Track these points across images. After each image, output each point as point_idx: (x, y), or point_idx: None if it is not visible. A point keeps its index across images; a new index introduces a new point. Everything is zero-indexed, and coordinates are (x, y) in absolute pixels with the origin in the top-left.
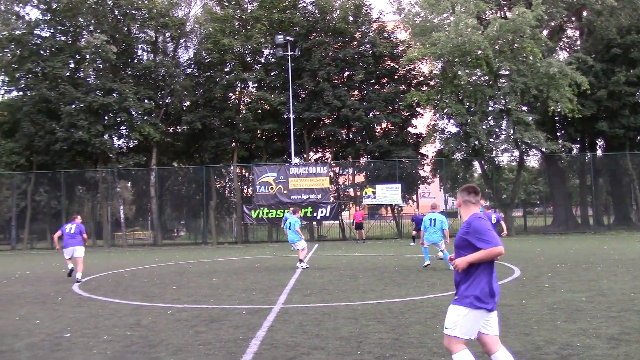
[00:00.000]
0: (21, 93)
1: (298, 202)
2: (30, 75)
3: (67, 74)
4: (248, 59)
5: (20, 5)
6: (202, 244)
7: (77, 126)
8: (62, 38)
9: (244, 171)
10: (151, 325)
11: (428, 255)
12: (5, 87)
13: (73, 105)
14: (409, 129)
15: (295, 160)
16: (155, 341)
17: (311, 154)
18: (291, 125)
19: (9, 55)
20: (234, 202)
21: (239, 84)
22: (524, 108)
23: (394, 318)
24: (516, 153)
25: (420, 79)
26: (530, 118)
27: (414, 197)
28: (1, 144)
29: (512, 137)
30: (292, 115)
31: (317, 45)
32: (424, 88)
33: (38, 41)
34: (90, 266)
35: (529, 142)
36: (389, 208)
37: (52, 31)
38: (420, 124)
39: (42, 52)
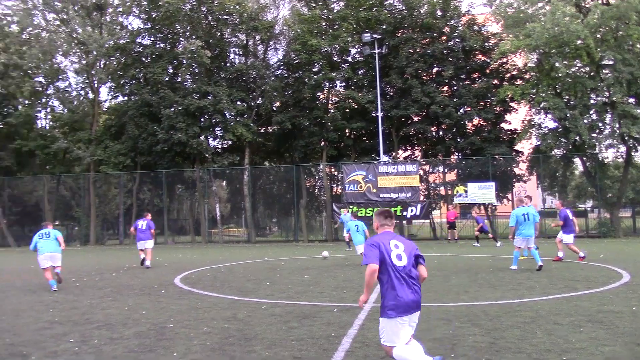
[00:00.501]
0: (126, 98)
1: (387, 200)
2: (133, 81)
3: (166, 78)
4: (335, 59)
5: (124, 16)
6: (293, 242)
7: (176, 128)
8: (161, 45)
9: (333, 170)
10: (247, 319)
11: (518, 260)
12: (112, 93)
13: (172, 109)
14: (503, 124)
15: (384, 158)
16: (251, 335)
17: (400, 152)
18: (379, 124)
19: (114, 63)
20: (324, 200)
21: (327, 84)
22: (631, 100)
23: (489, 321)
24: (623, 149)
25: (514, 72)
26: (639, 111)
27: (509, 195)
28: (109, 146)
29: (617, 131)
30: (380, 114)
31: (404, 42)
32: (518, 82)
33: (140, 49)
34: (190, 261)
35: (638, 136)
36: (482, 207)
37: (152, 39)
38: (515, 120)
39: (143, 59)
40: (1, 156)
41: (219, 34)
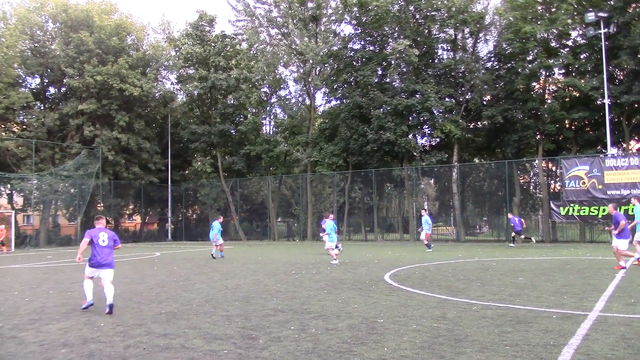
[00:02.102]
0: (338, 102)
1: (616, 197)
2: (345, 85)
3: (376, 80)
4: (553, 44)
5: (337, 24)
6: (505, 242)
7: (385, 128)
8: (371, 48)
9: (550, 165)
10: (456, 320)
11: None
12: (326, 98)
13: (381, 109)
14: None
15: (612, 151)
16: (461, 336)
17: (632, 142)
18: (607, 112)
19: (328, 69)
20: (540, 198)
21: (544, 72)
22: None
23: None
24: None
25: None
26: None
27: None
28: (324, 147)
29: None
30: (607, 101)
31: (638, 18)
32: None
33: (351, 54)
34: (399, 258)
35: None
36: None
37: (362, 43)
38: None
39: (354, 63)
40: (234, 160)
41: (426, 31)
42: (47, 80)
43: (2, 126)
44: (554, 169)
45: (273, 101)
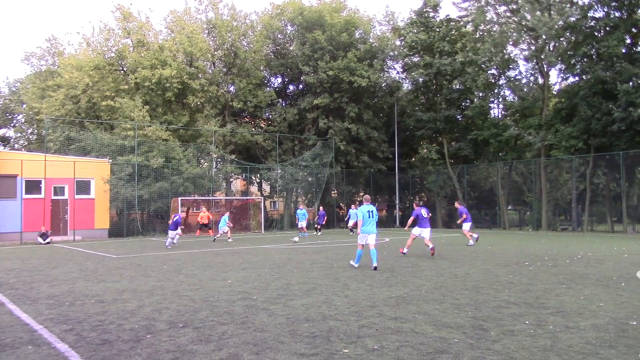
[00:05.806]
0: (577, 78)
1: None
2: (585, 59)
3: (624, 50)
4: None
5: None
6: None
7: (635, 104)
8: (617, 14)
9: None
10: None
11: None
12: (562, 75)
13: (630, 83)
14: None
15: None
16: None
17: None
18: None
19: (564, 43)
20: None
21: None
22: None
23: None
24: None
25: None
26: None
27: None
28: (560, 129)
29: None
30: None
31: None
32: None
33: (592, 23)
34: None
35: None
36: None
37: (605, 10)
38: None
39: (596, 34)
40: (461, 146)
41: None
42: (287, 79)
43: (252, 122)
44: None
45: (501, 83)
